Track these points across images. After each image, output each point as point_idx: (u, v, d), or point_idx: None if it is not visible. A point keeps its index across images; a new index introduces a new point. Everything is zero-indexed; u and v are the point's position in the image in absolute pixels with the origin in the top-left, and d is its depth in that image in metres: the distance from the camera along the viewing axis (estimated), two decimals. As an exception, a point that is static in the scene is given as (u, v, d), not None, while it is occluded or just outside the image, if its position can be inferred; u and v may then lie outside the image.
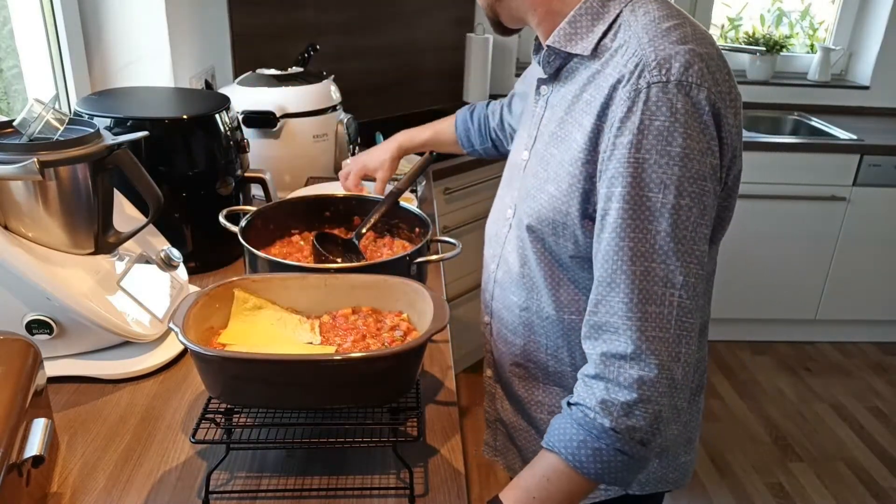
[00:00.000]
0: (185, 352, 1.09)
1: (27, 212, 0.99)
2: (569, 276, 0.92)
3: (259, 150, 1.68)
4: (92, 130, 1.02)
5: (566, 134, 0.87)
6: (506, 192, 1.04)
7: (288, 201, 1.29)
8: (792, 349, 3.21)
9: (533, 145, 0.96)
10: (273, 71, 1.79)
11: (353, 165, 1.45)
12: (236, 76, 1.98)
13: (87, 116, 1.22)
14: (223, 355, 0.81)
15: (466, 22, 2.91)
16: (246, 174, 1.42)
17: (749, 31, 3.44)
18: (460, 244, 1.14)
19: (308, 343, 0.91)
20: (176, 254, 1.18)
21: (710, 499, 2.33)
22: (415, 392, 0.91)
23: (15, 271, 0.95)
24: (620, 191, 0.78)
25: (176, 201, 1.28)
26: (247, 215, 1.16)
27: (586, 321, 0.84)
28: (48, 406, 0.87)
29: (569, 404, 0.84)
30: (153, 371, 1.05)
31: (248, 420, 0.89)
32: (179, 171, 1.29)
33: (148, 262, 1.15)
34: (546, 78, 0.93)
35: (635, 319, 0.78)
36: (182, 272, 1.22)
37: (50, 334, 1.00)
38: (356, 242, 1.19)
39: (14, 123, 0.99)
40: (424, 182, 1.78)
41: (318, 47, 1.93)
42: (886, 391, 2.95)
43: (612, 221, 0.79)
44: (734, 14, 3.48)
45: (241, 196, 1.43)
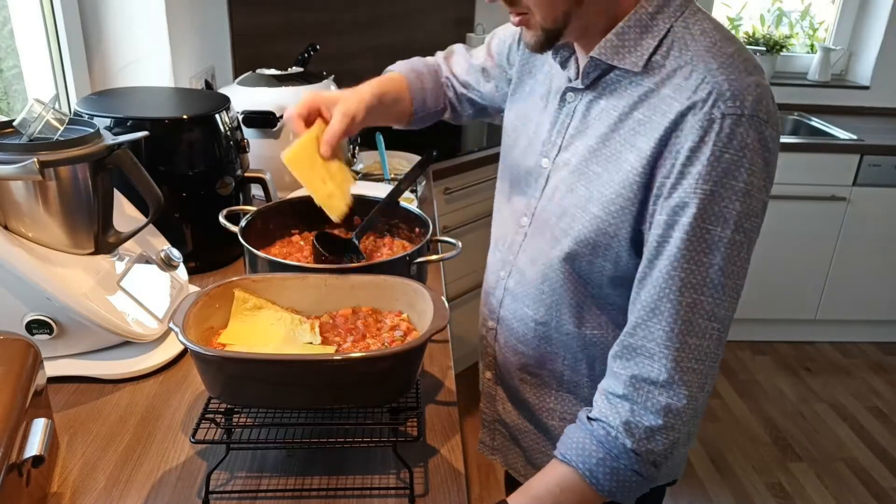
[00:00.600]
0: (185, 352, 1.09)
1: (27, 212, 0.99)
2: (594, 294, 0.90)
3: (259, 150, 1.68)
4: (92, 130, 1.02)
5: (614, 153, 0.84)
6: (516, 197, 1.01)
7: (288, 201, 1.29)
8: (792, 349, 3.21)
9: (558, 155, 0.92)
10: (273, 71, 1.79)
11: (306, 99, 0.98)
12: (236, 76, 1.98)
13: (87, 116, 1.22)
14: (223, 355, 0.81)
15: (466, 22, 2.91)
16: (246, 174, 1.42)
17: (749, 31, 3.44)
18: (460, 244, 1.14)
19: (308, 343, 0.91)
20: (176, 254, 1.18)
21: (710, 499, 2.33)
22: (415, 392, 0.91)
23: (15, 271, 0.95)
24: (684, 221, 0.76)
25: (176, 201, 1.28)
26: (247, 215, 1.16)
27: (620, 341, 0.83)
28: (48, 406, 0.87)
29: (589, 419, 0.84)
30: (153, 371, 1.05)
31: (248, 420, 0.89)
32: (179, 171, 1.29)
33: (148, 262, 1.15)
34: (577, 86, 0.89)
35: (673, 349, 0.78)
36: (182, 272, 1.22)
37: (50, 334, 1.00)
38: (356, 242, 1.19)
39: (14, 123, 0.99)
40: (424, 182, 1.78)
41: (318, 47, 1.93)
42: (886, 391, 2.95)
43: (670, 250, 0.78)
44: (734, 14, 3.48)
45: (241, 196, 1.43)
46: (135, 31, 1.69)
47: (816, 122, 3.15)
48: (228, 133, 1.35)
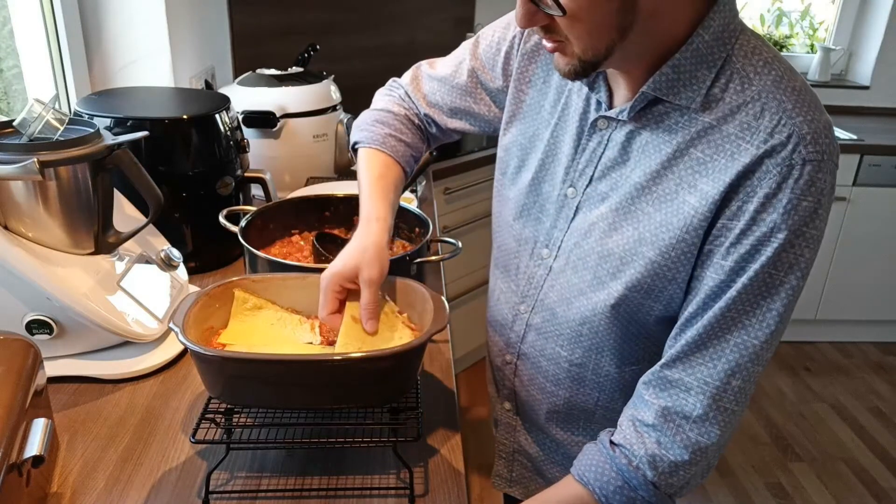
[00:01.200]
0: (185, 352, 1.09)
1: (27, 212, 0.99)
2: (636, 332, 0.86)
3: (259, 150, 1.68)
4: (92, 130, 1.02)
5: (669, 193, 0.78)
6: (528, 225, 0.94)
7: (288, 201, 1.29)
8: (792, 349, 3.21)
9: (588, 186, 0.86)
10: (273, 71, 1.79)
11: (328, 282, 0.87)
12: (236, 76, 1.98)
13: (87, 116, 1.22)
14: (223, 355, 0.81)
15: (466, 22, 2.91)
16: (246, 174, 1.42)
17: (749, 31, 3.44)
18: (460, 244, 1.14)
19: (308, 343, 0.91)
20: (176, 254, 1.18)
21: (710, 499, 2.33)
22: (415, 392, 0.91)
23: (15, 271, 0.95)
24: (755, 267, 0.73)
25: (176, 201, 1.28)
26: (247, 215, 1.16)
27: (655, 371, 0.80)
28: (48, 406, 0.87)
29: (612, 444, 0.82)
30: (153, 371, 1.05)
31: (248, 420, 0.89)
32: (179, 171, 1.29)
33: (148, 262, 1.15)
34: (618, 117, 0.81)
35: (713, 387, 0.76)
36: (182, 272, 1.22)
37: (50, 334, 1.00)
38: (356, 242, 1.19)
39: (14, 123, 0.99)
40: (424, 182, 1.78)
41: (318, 47, 1.93)
42: (886, 391, 2.95)
43: (731, 294, 0.74)
44: (734, 14, 3.48)
45: (241, 196, 1.43)
46: (135, 31, 1.69)
47: (816, 122, 3.14)
48: (228, 133, 1.35)
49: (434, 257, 1.12)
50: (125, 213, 1.15)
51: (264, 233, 1.20)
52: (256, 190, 1.51)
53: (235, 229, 1.12)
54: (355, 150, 1.04)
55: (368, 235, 0.89)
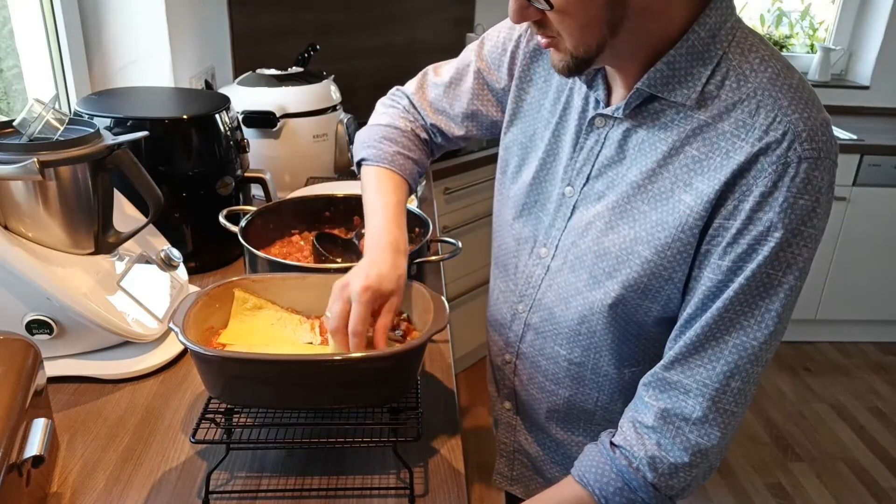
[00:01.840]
0: (185, 352, 1.09)
1: (27, 212, 0.99)
2: (635, 333, 0.86)
3: (259, 150, 1.68)
4: (92, 130, 1.02)
5: (664, 192, 0.78)
6: (527, 223, 0.94)
7: (288, 201, 1.29)
8: (792, 349, 3.21)
9: (586, 184, 0.86)
10: (273, 71, 1.79)
11: (362, 302, 0.84)
12: (236, 76, 1.98)
13: (87, 116, 1.22)
14: (223, 355, 0.81)
15: (466, 22, 2.91)
16: (246, 174, 1.42)
17: (749, 31, 3.44)
18: (460, 244, 1.14)
19: (308, 343, 0.91)
20: (176, 254, 1.18)
21: (710, 499, 2.33)
22: (415, 392, 0.91)
23: (15, 271, 0.95)
24: (751, 267, 0.72)
25: (176, 201, 1.28)
26: (247, 215, 1.16)
27: (654, 373, 0.80)
28: (48, 406, 0.87)
29: (612, 445, 0.82)
30: (153, 371, 1.05)
31: (248, 420, 0.89)
32: (179, 171, 1.29)
33: (148, 262, 1.15)
34: (613, 115, 0.82)
35: (712, 389, 0.76)
36: (182, 272, 1.22)
37: (50, 334, 1.00)
38: (356, 242, 1.19)
39: (14, 123, 0.99)
40: (424, 182, 1.78)
41: (318, 47, 1.93)
42: (886, 391, 2.95)
43: (728, 295, 0.74)
44: (734, 14, 3.48)
45: (241, 196, 1.43)
46: (135, 31, 1.69)
47: (816, 122, 3.15)
48: (228, 133, 1.35)
49: (434, 257, 1.12)
50: (125, 213, 1.15)
51: (264, 233, 1.20)
52: (256, 190, 1.51)
53: (235, 229, 1.12)
54: (359, 166, 1.04)
55: (400, 266, 0.89)
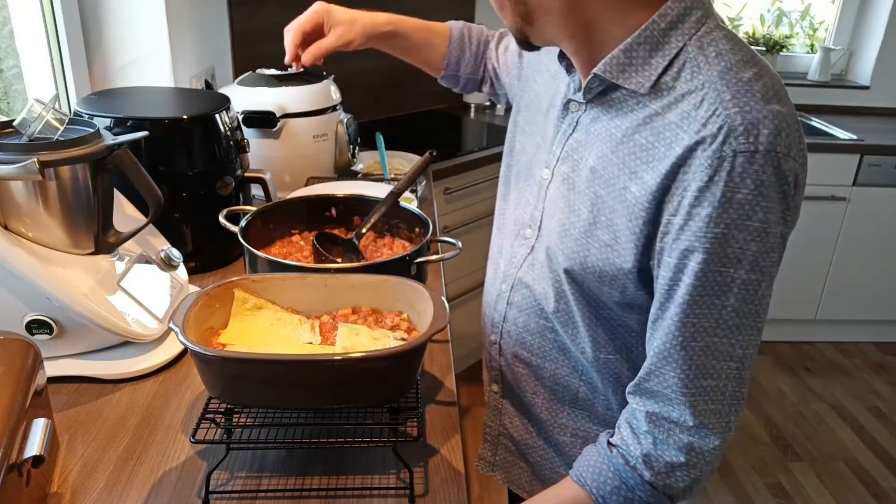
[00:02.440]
0: (185, 352, 1.09)
1: (27, 212, 0.99)
2: (604, 316, 0.87)
3: (259, 150, 1.68)
4: (92, 130, 1.02)
5: (613, 178, 0.79)
6: (519, 207, 0.97)
7: (288, 201, 1.29)
8: (792, 349, 3.21)
9: (556, 165, 0.89)
10: (273, 71, 1.79)
11: (305, 16, 1.18)
12: (236, 76, 1.98)
13: (87, 116, 1.22)
14: (223, 355, 0.81)
15: (466, 22, 2.90)
16: (246, 174, 1.42)
17: (749, 31, 3.44)
18: (460, 244, 1.14)
19: (308, 343, 0.91)
20: (176, 254, 1.18)
21: (710, 499, 2.33)
22: (415, 392, 0.91)
23: (15, 271, 0.95)
24: (694, 266, 0.73)
25: (176, 201, 1.28)
26: (247, 215, 1.16)
27: (636, 383, 0.81)
28: (48, 406, 0.87)
29: (609, 444, 0.82)
30: (153, 371, 1.05)
31: (248, 420, 0.89)
32: (179, 171, 1.29)
33: (148, 262, 1.15)
34: (578, 100, 0.86)
35: (689, 395, 0.76)
36: (182, 272, 1.22)
37: (50, 334, 1.00)
38: (356, 242, 1.19)
39: (14, 123, 0.99)
40: (424, 182, 1.78)
41: (318, 47, 1.92)
42: (886, 391, 2.95)
43: (680, 296, 0.74)
44: (734, 14, 3.48)
45: (241, 196, 1.43)
46: (135, 31, 1.69)
47: (816, 122, 3.15)
48: (228, 133, 1.35)
49: (434, 257, 1.12)
50: (125, 213, 1.15)
51: (264, 233, 1.20)
52: (256, 190, 1.50)
53: (235, 229, 1.12)
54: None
55: (365, 17, 1.14)
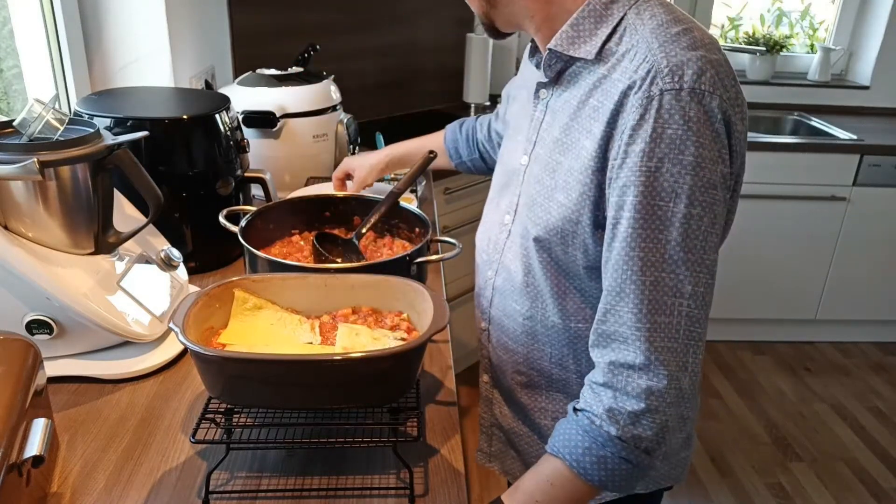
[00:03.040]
0: (185, 352, 1.09)
1: (27, 212, 0.99)
2: (575, 286, 0.91)
3: (259, 150, 1.68)
4: (92, 130, 1.02)
5: (573, 141, 0.86)
6: (501, 197, 1.02)
7: (288, 201, 1.29)
8: (792, 349, 3.21)
9: (533, 150, 0.94)
10: (273, 71, 1.79)
11: (342, 164, 1.47)
12: (236, 76, 1.98)
13: (87, 116, 1.22)
14: (223, 355, 0.81)
15: (466, 22, 2.91)
16: (246, 174, 1.42)
17: (749, 31, 3.44)
18: (460, 244, 1.14)
19: (308, 343, 0.91)
20: (176, 254, 1.18)
21: (711, 499, 2.33)
22: (415, 392, 0.91)
23: (15, 271, 0.95)
24: (632, 200, 0.77)
25: (176, 201, 1.28)
26: (247, 215, 1.16)
27: (594, 329, 0.83)
28: (48, 406, 0.87)
29: (575, 410, 0.84)
30: (153, 371, 1.05)
31: (248, 420, 0.89)
32: (179, 171, 1.29)
33: (148, 262, 1.15)
34: (546, 82, 0.91)
35: (644, 330, 0.78)
36: (182, 272, 1.22)
37: (50, 334, 1.00)
38: (356, 242, 1.19)
39: (14, 123, 0.99)
40: (424, 182, 1.78)
41: (318, 47, 1.93)
42: (886, 391, 2.95)
43: (623, 231, 0.78)
44: (734, 14, 3.48)
45: (241, 196, 1.43)
46: (135, 31, 1.69)
47: (816, 122, 3.15)
48: (228, 133, 1.35)
49: (434, 257, 1.12)
50: (125, 213, 1.15)
51: (264, 233, 1.20)
52: (256, 190, 1.50)
53: (235, 229, 1.12)
54: None
55: (372, 158, 1.42)
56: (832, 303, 3.11)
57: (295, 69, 1.84)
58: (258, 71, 1.80)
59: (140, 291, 1.09)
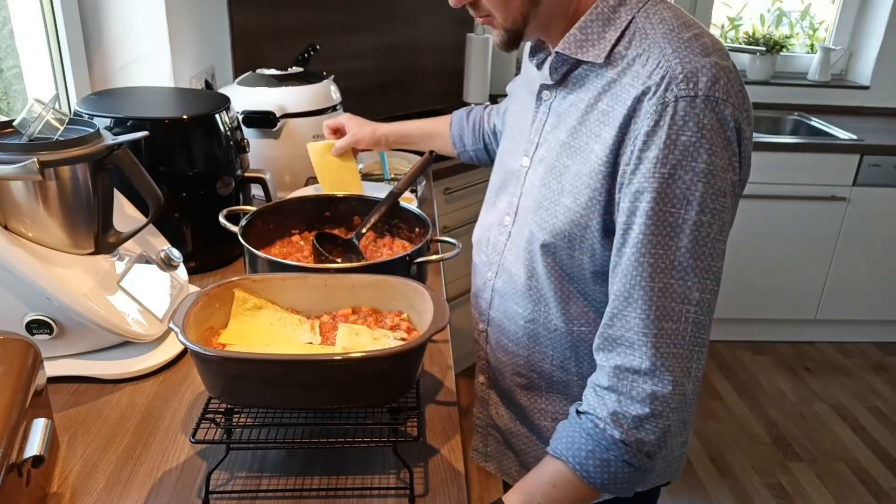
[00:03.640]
0: (185, 352, 1.09)
1: (27, 212, 0.99)
2: (579, 290, 0.90)
3: (259, 150, 1.68)
4: (92, 130, 1.02)
5: (582, 145, 0.85)
6: (500, 198, 1.02)
7: (288, 201, 1.29)
8: (792, 349, 3.21)
9: (535, 152, 0.94)
10: (273, 71, 1.79)
11: (341, 118, 1.45)
12: (236, 76, 1.98)
13: (87, 116, 1.22)
14: (223, 355, 0.81)
15: (466, 22, 2.90)
16: (246, 174, 1.42)
17: (749, 31, 3.44)
18: (460, 244, 1.14)
19: (308, 343, 0.91)
20: (176, 254, 1.18)
21: (710, 499, 2.33)
22: (415, 392, 0.91)
23: (15, 271, 0.95)
24: (644, 206, 0.77)
25: (176, 201, 1.28)
26: (247, 215, 1.16)
27: (600, 333, 0.83)
28: (48, 406, 0.87)
29: (578, 412, 0.84)
30: (153, 371, 1.05)
31: (248, 420, 0.89)
32: (179, 171, 1.29)
33: (148, 262, 1.15)
34: (550, 84, 0.91)
35: (651, 336, 0.78)
36: (182, 272, 1.22)
37: (50, 334, 1.00)
38: (356, 242, 1.19)
39: (14, 123, 0.99)
40: (424, 182, 1.78)
41: (318, 47, 1.93)
42: (886, 391, 2.95)
43: (634, 236, 0.78)
44: (734, 14, 3.48)
45: (241, 196, 1.43)
46: (135, 31, 1.69)
47: (816, 122, 3.15)
48: (228, 133, 1.35)
49: (434, 257, 1.12)
50: (125, 213, 1.15)
51: (264, 233, 1.20)
52: (256, 190, 1.50)
53: (235, 229, 1.12)
54: None
55: (372, 126, 1.41)
56: (832, 303, 3.11)
57: (295, 69, 1.83)
58: (258, 71, 1.80)
59: (140, 291, 1.09)
